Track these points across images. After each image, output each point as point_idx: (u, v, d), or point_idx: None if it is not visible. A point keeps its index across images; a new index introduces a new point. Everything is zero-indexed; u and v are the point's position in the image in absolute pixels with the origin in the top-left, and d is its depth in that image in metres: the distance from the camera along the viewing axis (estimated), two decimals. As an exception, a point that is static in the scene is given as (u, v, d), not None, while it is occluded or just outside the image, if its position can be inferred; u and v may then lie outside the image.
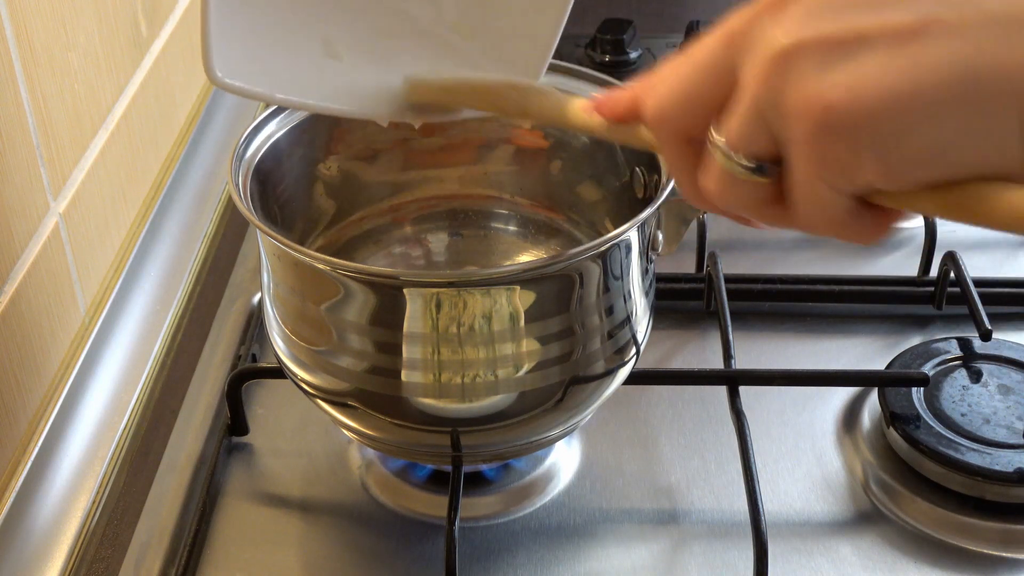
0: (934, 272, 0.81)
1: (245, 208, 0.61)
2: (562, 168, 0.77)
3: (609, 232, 0.58)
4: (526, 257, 0.76)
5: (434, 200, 0.78)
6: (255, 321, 0.80)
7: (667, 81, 0.44)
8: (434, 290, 0.58)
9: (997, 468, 0.66)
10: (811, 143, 0.39)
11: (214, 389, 0.74)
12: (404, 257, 0.76)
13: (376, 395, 0.61)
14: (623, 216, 0.61)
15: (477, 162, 0.78)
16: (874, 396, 0.72)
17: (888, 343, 0.79)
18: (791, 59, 0.39)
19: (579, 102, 0.51)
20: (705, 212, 0.75)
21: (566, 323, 0.59)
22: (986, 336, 0.72)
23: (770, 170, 0.41)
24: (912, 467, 0.68)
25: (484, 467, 0.69)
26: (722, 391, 0.71)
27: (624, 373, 0.64)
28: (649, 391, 0.75)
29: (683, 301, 0.82)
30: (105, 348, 0.77)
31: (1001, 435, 0.68)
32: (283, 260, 0.61)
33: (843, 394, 0.75)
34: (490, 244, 0.77)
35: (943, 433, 0.68)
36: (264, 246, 0.63)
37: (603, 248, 0.59)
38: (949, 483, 0.67)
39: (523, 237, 0.76)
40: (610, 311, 0.61)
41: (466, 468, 0.66)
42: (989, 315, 0.73)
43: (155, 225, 0.87)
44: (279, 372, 0.66)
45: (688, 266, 0.83)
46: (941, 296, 0.80)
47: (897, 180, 0.39)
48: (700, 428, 0.73)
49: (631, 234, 0.60)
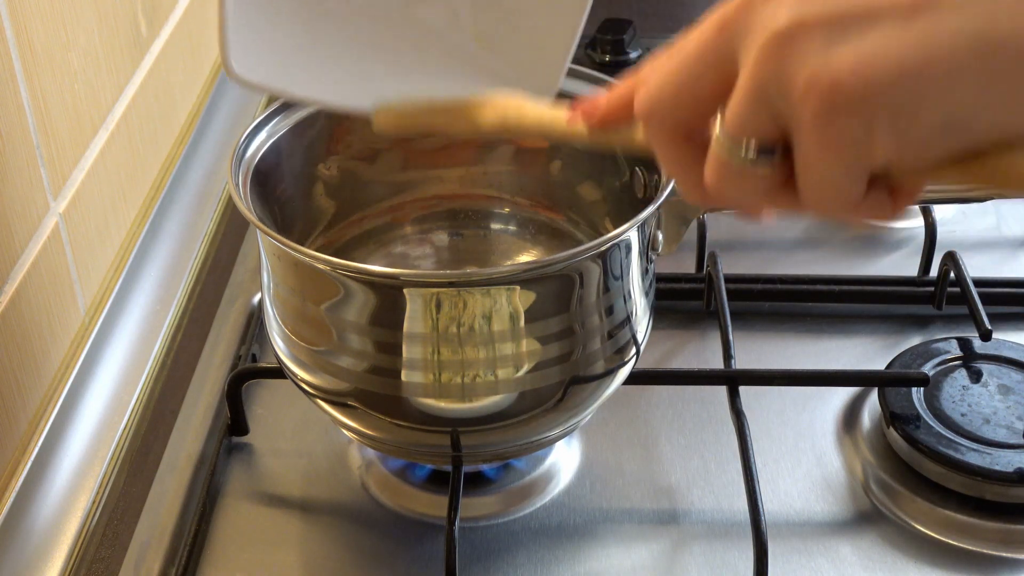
0: (934, 272, 0.81)
1: (245, 208, 0.61)
2: (562, 168, 0.77)
3: (609, 232, 0.58)
4: (526, 257, 0.76)
5: (434, 200, 0.78)
6: (255, 321, 0.80)
7: (659, 73, 0.42)
8: (434, 290, 0.58)
9: (997, 468, 0.66)
10: (821, 123, 0.37)
11: (214, 389, 0.74)
12: (404, 257, 0.76)
13: (376, 395, 0.61)
14: (623, 216, 0.61)
15: (477, 162, 0.78)
16: (874, 396, 0.72)
17: (888, 343, 0.79)
18: (794, 38, 0.37)
19: (560, 113, 0.50)
20: (706, 212, 0.75)
21: (566, 323, 0.59)
22: (986, 336, 0.72)
23: (777, 156, 0.40)
24: (912, 467, 0.68)
25: (484, 467, 0.69)
26: (722, 391, 0.71)
27: (624, 373, 0.64)
28: (649, 391, 0.75)
29: (683, 301, 0.82)
30: (105, 348, 0.77)
31: (1001, 435, 0.68)
32: (283, 260, 0.61)
33: (843, 394, 0.75)
34: (490, 244, 0.77)
35: (943, 433, 0.68)
36: (264, 246, 0.63)
37: (603, 248, 0.59)
38: (949, 483, 0.67)
39: (523, 237, 0.76)
40: (610, 311, 0.61)
41: (466, 468, 0.66)
42: (989, 315, 0.73)
43: (155, 225, 0.87)
44: (279, 372, 0.66)
45: (688, 266, 0.83)
46: (941, 296, 0.80)
47: (914, 155, 0.38)
48: (700, 428, 0.73)
49: (631, 234, 0.60)
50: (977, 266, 0.81)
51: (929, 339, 0.76)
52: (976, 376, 0.72)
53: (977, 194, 0.40)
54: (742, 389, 0.70)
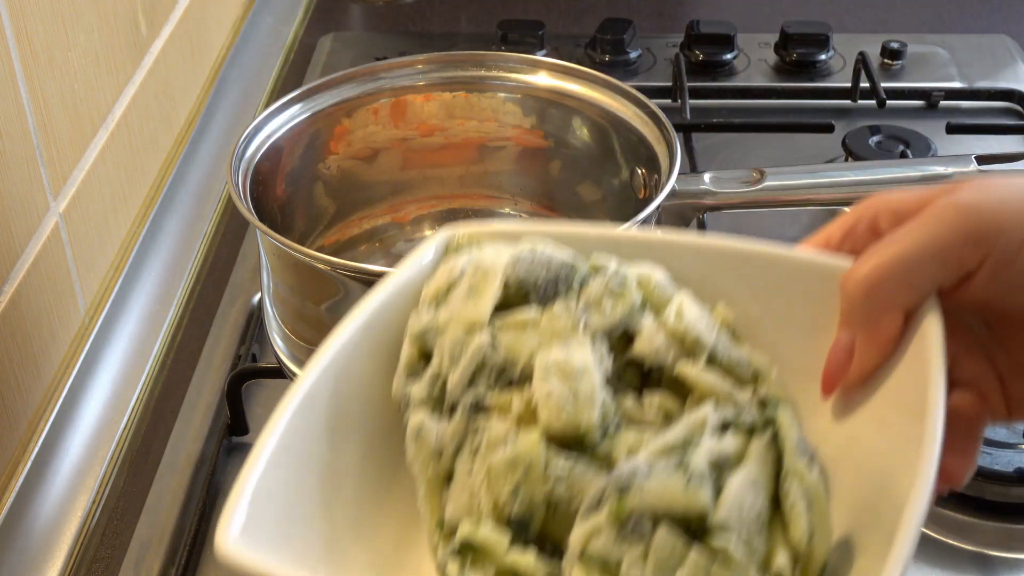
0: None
1: (245, 208, 0.61)
2: (562, 168, 0.77)
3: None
4: (526, 257, 0.76)
5: (434, 200, 0.78)
6: (255, 321, 0.80)
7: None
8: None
9: (997, 468, 0.66)
10: None
11: (214, 389, 0.74)
12: (404, 257, 0.76)
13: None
14: (623, 216, 0.61)
15: (477, 162, 0.78)
16: (874, 396, 0.72)
17: (888, 343, 0.78)
18: None
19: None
20: (705, 211, 0.75)
21: (566, 323, 0.59)
22: (986, 336, 0.72)
23: None
24: (912, 467, 0.68)
25: (484, 467, 0.69)
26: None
27: (624, 374, 0.64)
28: (649, 391, 0.74)
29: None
30: (105, 348, 0.77)
31: (1001, 435, 0.68)
32: (283, 260, 0.61)
33: (843, 394, 0.75)
34: (490, 244, 0.77)
35: (943, 433, 0.68)
36: (264, 246, 0.63)
37: (603, 248, 0.58)
38: (949, 483, 0.67)
39: (523, 237, 0.76)
40: (610, 311, 0.61)
41: (466, 468, 0.66)
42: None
43: (155, 225, 0.87)
44: (279, 372, 0.66)
45: (688, 266, 0.83)
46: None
47: None
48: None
49: (631, 234, 0.60)
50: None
51: (929, 339, 0.76)
52: (976, 376, 0.72)
53: None
54: (742, 389, 0.70)
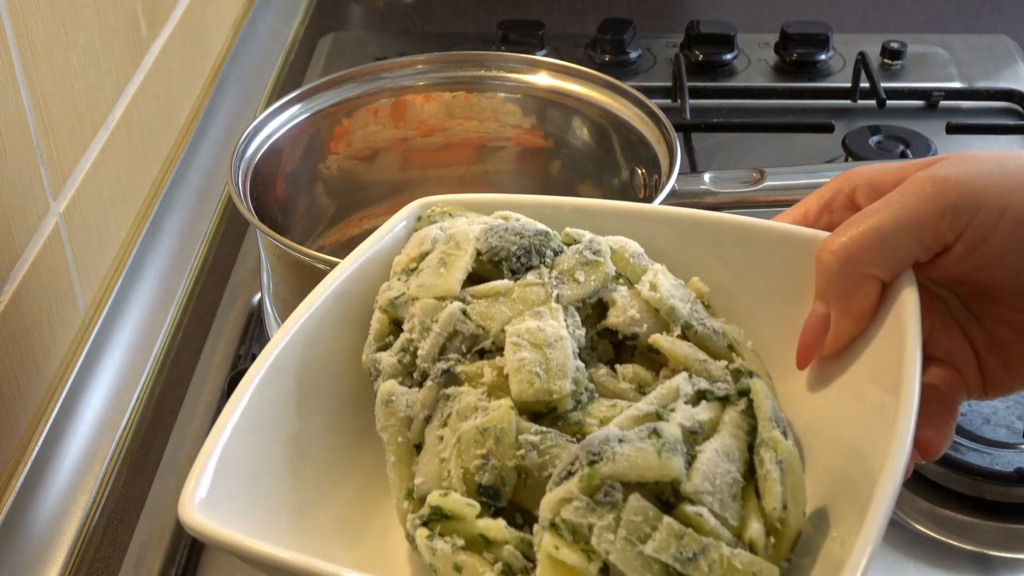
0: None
1: (245, 208, 0.61)
2: (562, 168, 0.77)
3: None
4: (526, 257, 0.76)
5: (434, 200, 0.78)
6: (255, 321, 0.80)
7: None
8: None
9: (997, 468, 0.66)
10: None
11: (214, 389, 0.74)
12: (404, 257, 0.76)
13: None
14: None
15: (477, 162, 0.78)
16: (874, 396, 0.72)
17: (888, 343, 0.78)
18: None
19: None
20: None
21: (566, 323, 0.59)
22: (986, 336, 0.72)
23: None
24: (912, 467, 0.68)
25: (484, 467, 0.69)
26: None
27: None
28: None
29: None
30: (105, 348, 0.77)
31: (1001, 435, 0.68)
32: (283, 260, 0.62)
33: (843, 394, 0.75)
34: (490, 244, 0.77)
35: (943, 433, 0.68)
36: (264, 246, 0.63)
37: (603, 248, 0.58)
38: (949, 483, 0.67)
39: (523, 237, 0.76)
40: (610, 311, 0.61)
41: (466, 468, 0.66)
42: (989, 315, 0.73)
43: (155, 225, 0.87)
44: (279, 372, 0.66)
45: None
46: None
47: None
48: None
49: (631, 234, 0.60)
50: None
51: (929, 339, 0.76)
52: (976, 376, 0.72)
53: None
54: (742, 389, 0.70)
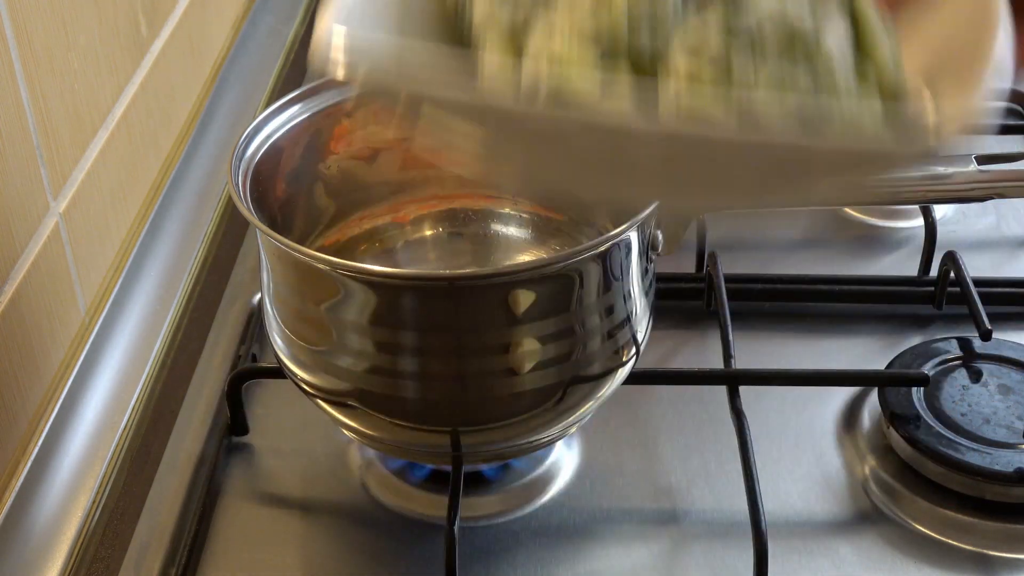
0: (934, 272, 0.81)
1: (245, 208, 0.61)
2: (562, 168, 0.76)
3: (609, 232, 0.58)
4: (526, 257, 0.76)
5: (434, 200, 0.78)
6: (255, 321, 0.80)
7: None
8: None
9: (997, 468, 0.66)
10: None
11: (214, 389, 0.74)
12: (404, 257, 0.76)
13: (376, 395, 0.61)
14: (622, 216, 0.61)
15: (477, 162, 0.78)
16: (874, 396, 0.72)
17: (888, 343, 0.79)
18: None
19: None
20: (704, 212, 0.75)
21: (566, 323, 0.59)
22: (986, 336, 0.72)
23: None
24: (912, 467, 0.68)
25: (484, 467, 0.69)
26: (722, 391, 0.71)
27: (624, 373, 0.64)
28: (649, 391, 0.75)
29: (683, 301, 0.82)
30: (105, 348, 0.77)
31: (1001, 435, 0.68)
32: (283, 260, 0.61)
33: (843, 394, 0.75)
34: (490, 244, 0.77)
35: (943, 433, 0.68)
36: (264, 246, 0.63)
37: (603, 248, 0.59)
38: (949, 483, 0.67)
39: (523, 237, 0.76)
40: (610, 311, 0.61)
41: (466, 468, 0.66)
42: (989, 315, 0.73)
43: (155, 225, 0.87)
44: (279, 372, 0.66)
45: (688, 266, 0.83)
46: (941, 296, 0.80)
47: None
48: (700, 428, 0.73)
49: (631, 234, 0.60)
50: (977, 266, 0.81)
51: (929, 339, 0.76)
52: (976, 376, 0.72)
53: None
54: (742, 389, 0.70)
